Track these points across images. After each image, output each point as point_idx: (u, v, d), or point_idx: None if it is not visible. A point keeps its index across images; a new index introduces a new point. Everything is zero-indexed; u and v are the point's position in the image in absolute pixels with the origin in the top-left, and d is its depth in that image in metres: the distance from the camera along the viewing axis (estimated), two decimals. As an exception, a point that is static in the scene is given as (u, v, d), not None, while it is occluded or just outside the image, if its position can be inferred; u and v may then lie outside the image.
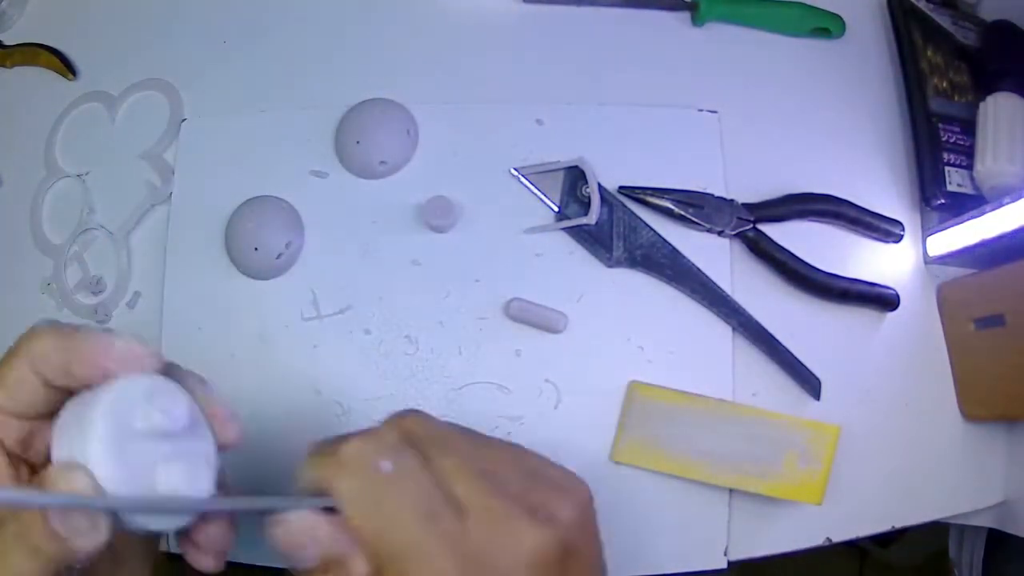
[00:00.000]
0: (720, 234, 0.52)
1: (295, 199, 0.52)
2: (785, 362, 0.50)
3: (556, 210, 0.52)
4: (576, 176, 0.52)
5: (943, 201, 0.53)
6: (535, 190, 0.52)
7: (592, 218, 0.50)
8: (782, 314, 0.51)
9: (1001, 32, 0.57)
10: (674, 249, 0.51)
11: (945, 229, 0.53)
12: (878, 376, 0.52)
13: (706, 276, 0.51)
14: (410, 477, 0.29)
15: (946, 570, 0.64)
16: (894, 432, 0.52)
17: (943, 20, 0.58)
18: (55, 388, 0.27)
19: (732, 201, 0.52)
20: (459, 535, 0.28)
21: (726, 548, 0.49)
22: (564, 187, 0.52)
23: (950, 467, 0.52)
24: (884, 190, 0.55)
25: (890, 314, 0.52)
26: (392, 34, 0.56)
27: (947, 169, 0.53)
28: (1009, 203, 0.47)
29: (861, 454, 0.50)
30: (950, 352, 0.53)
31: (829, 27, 0.57)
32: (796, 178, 0.54)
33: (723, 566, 0.48)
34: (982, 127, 0.53)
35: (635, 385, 0.49)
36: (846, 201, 0.52)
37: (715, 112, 0.54)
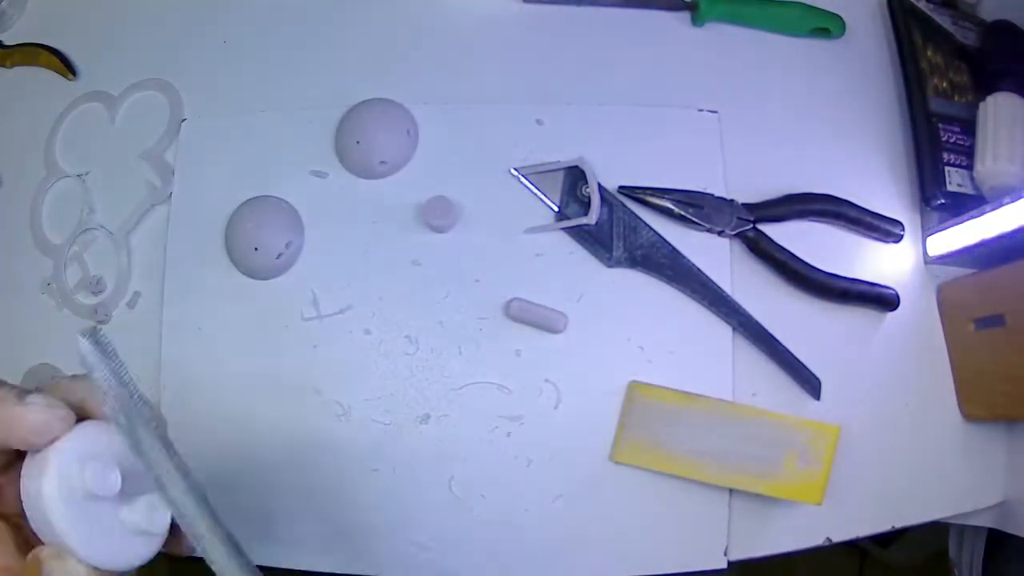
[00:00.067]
0: (720, 234, 0.52)
1: (295, 199, 0.52)
2: (785, 362, 0.50)
3: (556, 210, 0.52)
4: (576, 176, 0.52)
5: (943, 201, 0.53)
6: (535, 190, 0.52)
7: (592, 218, 0.50)
8: (782, 314, 0.51)
9: (1001, 32, 0.57)
10: (674, 249, 0.51)
11: (945, 229, 0.53)
12: (878, 376, 0.52)
13: (706, 276, 0.51)
14: None
15: (946, 570, 0.64)
16: (894, 432, 0.52)
17: (943, 20, 0.58)
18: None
19: (732, 201, 0.52)
20: None
21: (726, 548, 0.49)
22: (564, 187, 0.52)
23: (950, 467, 0.52)
24: (884, 190, 0.55)
25: (890, 314, 0.52)
26: (392, 34, 0.56)
27: (947, 169, 0.53)
28: (1009, 203, 0.47)
29: (861, 454, 0.50)
30: (950, 352, 0.53)
31: (829, 27, 0.57)
32: (796, 178, 0.54)
33: (723, 566, 0.49)
34: (982, 127, 0.53)
35: (635, 385, 0.49)
36: (846, 201, 0.52)
37: (715, 112, 0.54)
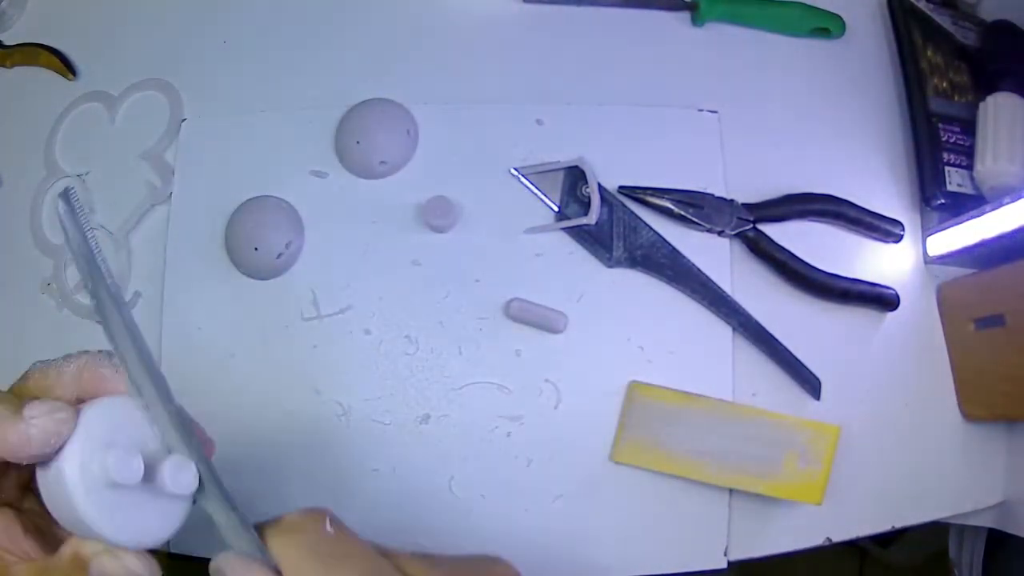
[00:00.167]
0: (720, 234, 0.52)
1: (295, 199, 0.52)
2: (785, 362, 0.50)
3: (556, 210, 0.52)
4: (576, 176, 0.51)
5: (943, 201, 0.53)
6: (535, 190, 0.52)
7: (592, 218, 0.50)
8: (782, 314, 0.51)
9: (1001, 32, 0.57)
10: (674, 249, 0.51)
11: (945, 229, 0.53)
12: (878, 376, 0.52)
13: (706, 276, 0.51)
14: (356, 544, 0.28)
15: (946, 570, 0.64)
16: (894, 432, 0.52)
17: (943, 20, 0.58)
18: None
19: (732, 201, 0.52)
20: None
21: (726, 548, 0.49)
22: (564, 187, 0.52)
23: (950, 467, 0.52)
24: (884, 190, 0.55)
25: (890, 314, 0.52)
26: (392, 34, 0.56)
27: (947, 169, 0.53)
28: (1009, 203, 0.47)
29: (861, 454, 0.50)
30: (950, 352, 0.53)
31: (829, 27, 0.57)
32: (796, 178, 0.54)
33: (723, 566, 0.49)
34: (982, 127, 0.53)
35: (635, 385, 0.49)
36: (846, 201, 0.52)
37: (715, 112, 0.54)
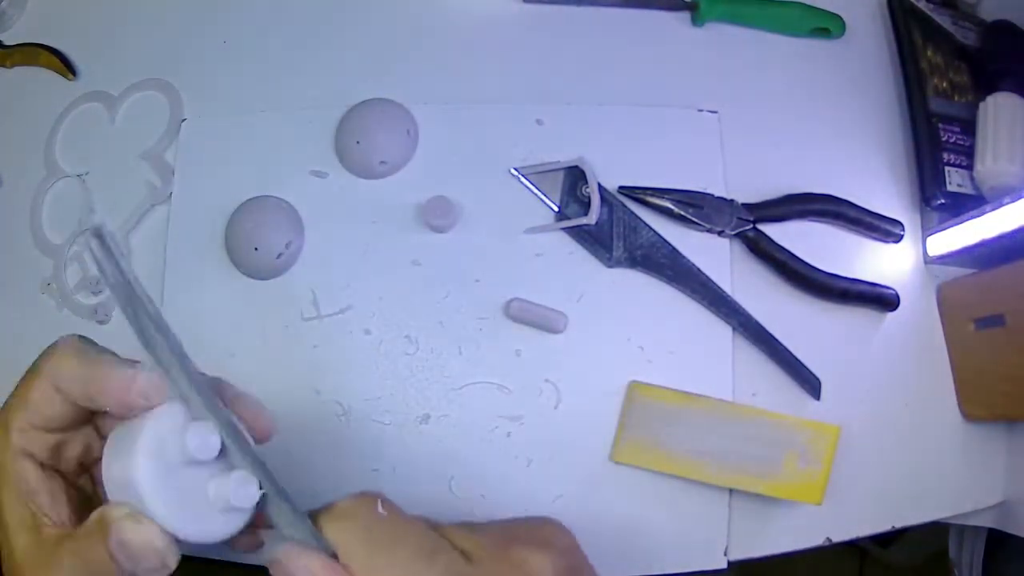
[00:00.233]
0: (720, 234, 0.52)
1: (295, 199, 0.52)
2: (785, 362, 0.50)
3: (556, 210, 0.52)
4: (576, 176, 0.51)
5: (943, 201, 0.53)
6: (535, 190, 0.52)
7: (592, 218, 0.50)
8: (782, 314, 0.51)
9: (1001, 32, 0.57)
10: (674, 249, 0.51)
11: (945, 229, 0.52)
12: (878, 376, 0.52)
13: (706, 276, 0.51)
14: (409, 523, 0.28)
15: (946, 570, 0.64)
16: (894, 432, 0.52)
17: (943, 20, 0.58)
18: (80, 406, 0.27)
19: (732, 201, 0.52)
20: (466, 572, 0.27)
21: (726, 548, 0.49)
22: (564, 187, 0.52)
23: (950, 467, 0.52)
24: (884, 190, 0.55)
25: (890, 314, 0.52)
26: (392, 34, 0.56)
27: (947, 169, 0.53)
28: (1009, 203, 0.47)
29: (861, 454, 0.50)
30: (950, 352, 0.53)
31: (829, 27, 0.57)
32: (796, 178, 0.54)
33: (723, 566, 0.48)
34: (982, 127, 0.53)
35: (635, 385, 0.49)
36: (846, 201, 0.52)
37: (715, 112, 0.54)
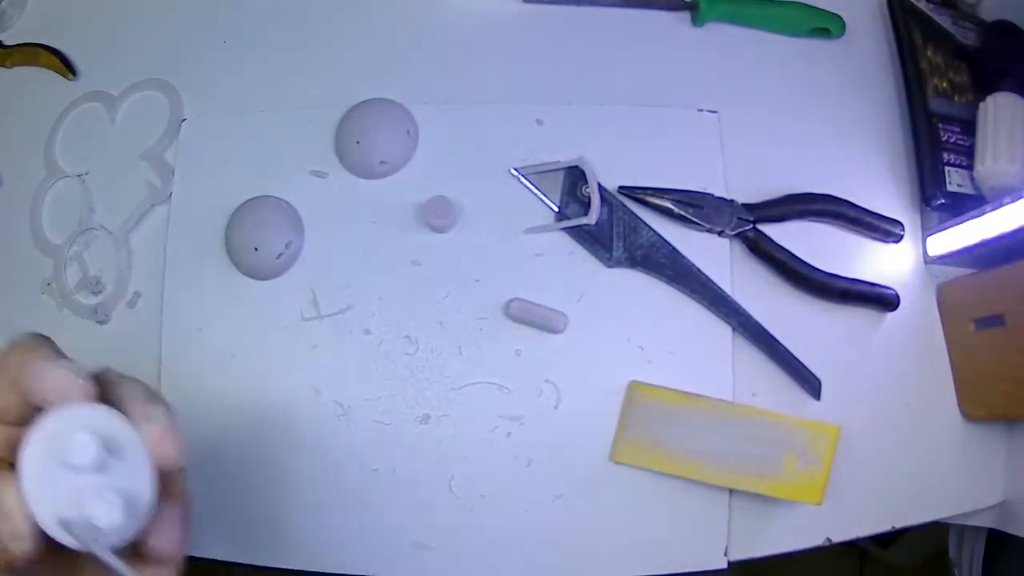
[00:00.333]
0: (720, 234, 0.52)
1: (295, 199, 0.52)
2: (785, 362, 0.50)
3: (556, 210, 0.52)
4: (576, 176, 0.51)
5: (943, 201, 0.53)
6: (535, 190, 0.52)
7: (592, 218, 0.50)
8: (782, 314, 0.51)
9: (1001, 32, 0.57)
10: (674, 249, 0.51)
11: (945, 229, 0.52)
12: (878, 376, 0.52)
13: (706, 276, 0.51)
14: None
15: (946, 570, 0.64)
16: (894, 432, 0.52)
17: (943, 20, 0.58)
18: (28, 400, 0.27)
19: (732, 201, 0.52)
20: None
21: (726, 548, 0.49)
22: (564, 187, 0.52)
23: (950, 467, 0.52)
24: (884, 190, 0.55)
25: (890, 314, 0.52)
26: (392, 34, 0.56)
27: (947, 169, 0.53)
28: (1009, 203, 0.47)
29: (861, 454, 0.50)
30: (950, 352, 0.53)
31: (829, 27, 0.57)
32: (796, 178, 0.54)
33: (723, 566, 0.49)
34: (982, 127, 0.53)
35: (635, 385, 0.49)
36: (846, 201, 0.52)
37: (715, 112, 0.54)
